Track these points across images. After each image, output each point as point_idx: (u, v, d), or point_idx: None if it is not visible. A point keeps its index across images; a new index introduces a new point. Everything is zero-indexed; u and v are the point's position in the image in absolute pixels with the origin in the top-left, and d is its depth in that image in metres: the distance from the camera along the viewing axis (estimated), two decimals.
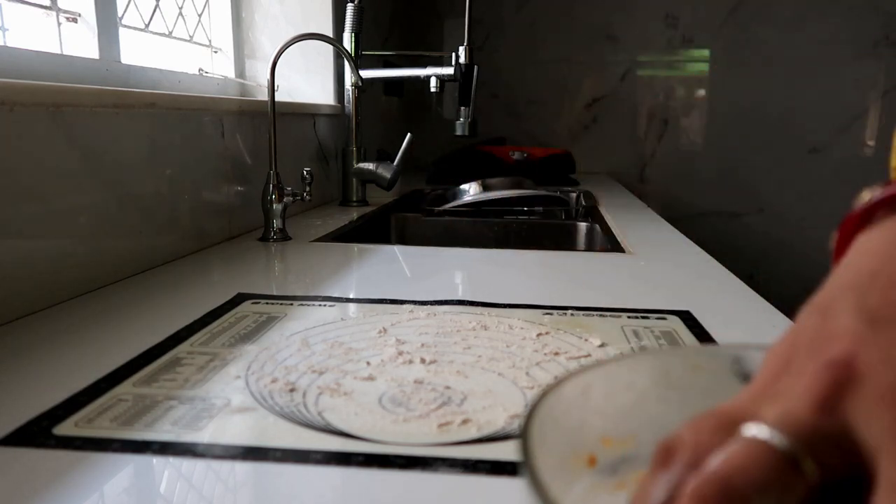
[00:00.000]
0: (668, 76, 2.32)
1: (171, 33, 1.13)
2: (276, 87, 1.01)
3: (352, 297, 0.70)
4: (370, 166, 1.34)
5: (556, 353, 0.53)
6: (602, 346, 0.55)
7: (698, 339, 0.57)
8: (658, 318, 0.62)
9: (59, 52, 0.83)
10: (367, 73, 1.38)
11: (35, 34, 0.81)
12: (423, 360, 0.51)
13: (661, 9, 2.27)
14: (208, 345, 0.54)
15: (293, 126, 1.25)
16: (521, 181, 1.43)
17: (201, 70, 1.20)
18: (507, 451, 0.38)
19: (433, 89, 1.36)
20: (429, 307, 0.65)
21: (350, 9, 1.38)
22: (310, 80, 1.47)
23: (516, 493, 0.34)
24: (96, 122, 0.70)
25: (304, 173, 1.03)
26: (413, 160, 1.92)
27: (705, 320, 0.62)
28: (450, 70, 1.35)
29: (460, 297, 0.70)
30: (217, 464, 0.36)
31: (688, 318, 0.63)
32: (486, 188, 1.39)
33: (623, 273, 0.83)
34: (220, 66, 1.33)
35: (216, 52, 1.33)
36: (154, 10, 1.07)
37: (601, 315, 0.63)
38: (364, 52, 1.44)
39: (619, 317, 0.63)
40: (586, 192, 1.64)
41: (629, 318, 0.63)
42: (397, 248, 0.98)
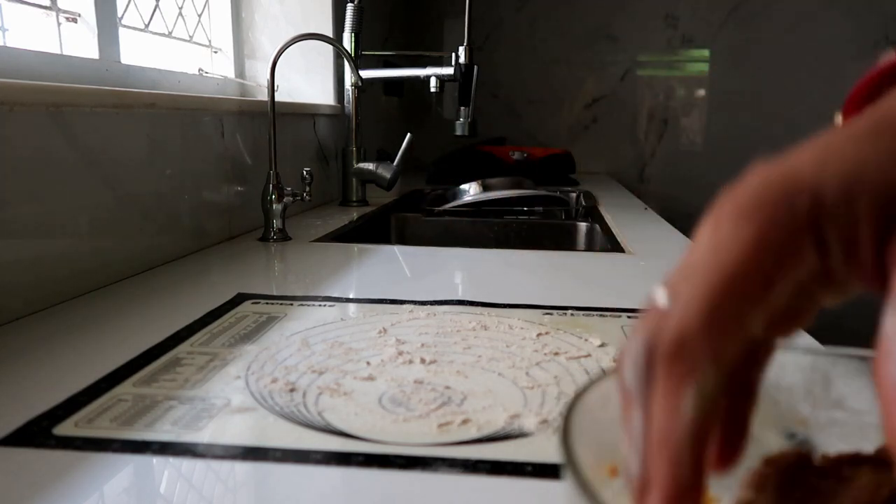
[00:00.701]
0: (668, 76, 2.32)
1: (170, 33, 1.13)
2: (276, 87, 1.01)
3: (352, 297, 0.70)
4: (370, 166, 1.34)
5: (556, 353, 0.53)
6: (602, 345, 0.55)
7: None
8: None
9: (58, 52, 0.83)
10: (367, 73, 1.38)
11: (35, 34, 0.81)
12: (423, 360, 0.51)
13: (661, 9, 2.27)
14: (208, 345, 0.54)
15: (293, 126, 1.25)
16: (521, 181, 1.43)
17: (201, 70, 1.20)
18: (507, 451, 0.38)
19: (433, 89, 1.36)
20: (429, 307, 0.65)
21: (350, 9, 1.38)
22: (310, 80, 1.47)
23: (516, 492, 0.34)
24: (96, 122, 0.70)
25: (304, 173, 1.03)
26: (413, 160, 1.92)
27: None
28: (450, 70, 1.35)
29: (460, 297, 0.70)
30: (217, 464, 0.36)
31: None
32: (486, 188, 1.39)
33: (623, 273, 0.83)
34: (220, 67, 1.33)
35: (216, 52, 1.33)
36: (154, 10, 1.07)
37: (601, 315, 0.63)
38: (364, 52, 1.44)
39: (619, 317, 0.63)
40: (586, 192, 1.64)
41: (629, 318, 0.63)
42: (397, 248, 0.98)
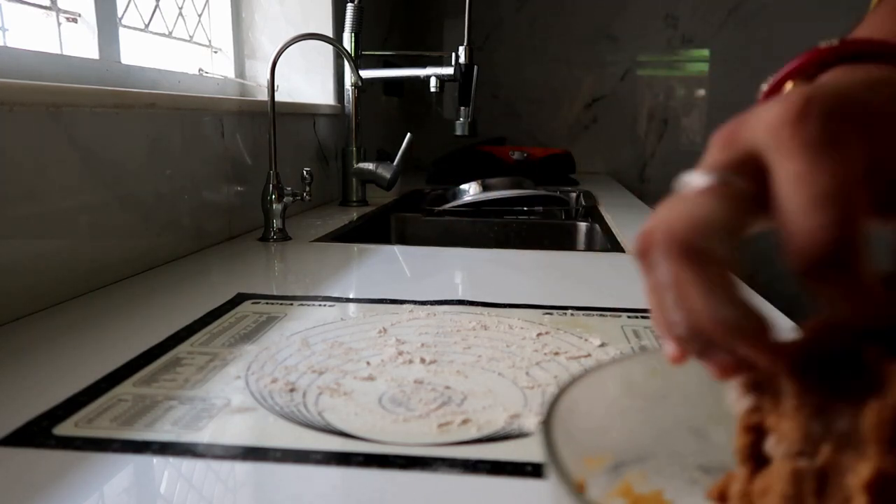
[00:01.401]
0: (668, 76, 2.32)
1: (170, 33, 1.13)
2: (275, 87, 1.01)
3: (352, 297, 0.70)
4: (370, 166, 1.34)
5: (556, 353, 0.53)
6: (602, 345, 0.55)
7: None
8: None
9: (58, 52, 0.83)
10: (366, 73, 1.38)
11: (35, 34, 0.81)
12: (423, 360, 0.51)
13: (661, 9, 2.27)
14: (208, 345, 0.54)
15: (293, 126, 1.25)
16: (521, 181, 1.43)
17: (201, 70, 1.20)
18: (507, 451, 0.38)
19: (433, 89, 1.36)
20: (429, 307, 0.65)
21: (350, 9, 1.38)
22: (310, 80, 1.47)
23: (516, 492, 0.34)
24: (96, 122, 0.70)
25: (304, 173, 1.03)
26: (413, 160, 1.93)
27: None
28: (450, 70, 1.35)
29: (460, 297, 0.70)
30: (217, 464, 0.36)
31: None
32: (486, 188, 1.39)
33: (623, 273, 0.83)
34: (220, 67, 1.33)
35: (216, 52, 1.33)
36: (154, 11, 1.07)
37: (601, 315, 0.63)
38: (364, 52, 1.44)
39: (619, 317, 0.63)
40: (586, 192, 1.64)
41: (629, 317, 0.63)
42: (397, 248, 0.98)
